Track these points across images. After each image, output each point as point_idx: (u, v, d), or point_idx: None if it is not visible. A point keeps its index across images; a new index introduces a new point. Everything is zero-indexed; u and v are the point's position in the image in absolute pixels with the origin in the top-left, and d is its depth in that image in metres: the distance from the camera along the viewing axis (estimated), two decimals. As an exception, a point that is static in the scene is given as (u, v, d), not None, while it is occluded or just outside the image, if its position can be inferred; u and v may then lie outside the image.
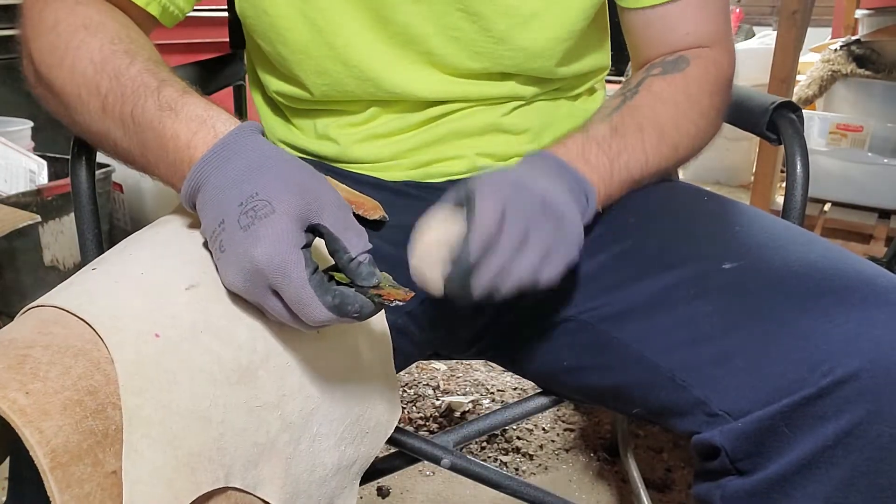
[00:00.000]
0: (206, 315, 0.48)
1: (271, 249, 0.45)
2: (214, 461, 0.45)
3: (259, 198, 0.46)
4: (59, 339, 0.43)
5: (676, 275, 0.59)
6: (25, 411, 0.39)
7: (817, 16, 2.16)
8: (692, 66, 0.68)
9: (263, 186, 0.47)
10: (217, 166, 0.49)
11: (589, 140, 0.62)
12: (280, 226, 0.45)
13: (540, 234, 0.53)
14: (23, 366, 0.41)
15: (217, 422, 0.46)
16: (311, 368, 0.53)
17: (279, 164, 0.48)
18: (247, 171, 0.48)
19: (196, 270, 0.50)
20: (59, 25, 0.57)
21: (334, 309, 0.46)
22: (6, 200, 1.53)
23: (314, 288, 0.45)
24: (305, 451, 0.52)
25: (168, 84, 0.53)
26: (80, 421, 0.41)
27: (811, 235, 0.61)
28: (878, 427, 0.47)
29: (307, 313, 0.46)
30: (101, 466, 0.41)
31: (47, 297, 0.48)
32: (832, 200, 2.19)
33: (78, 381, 0.42)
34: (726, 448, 0.53)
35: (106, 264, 0.52)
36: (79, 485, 0.40)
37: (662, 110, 0.66)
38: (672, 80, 0.67)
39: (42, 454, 0.39)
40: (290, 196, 0.46)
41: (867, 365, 0.47)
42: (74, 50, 0.56)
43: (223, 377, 0.47)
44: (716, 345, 0.55)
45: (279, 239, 0.45)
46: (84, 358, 0.43)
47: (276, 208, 0.46)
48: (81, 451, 0.40)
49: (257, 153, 0.49)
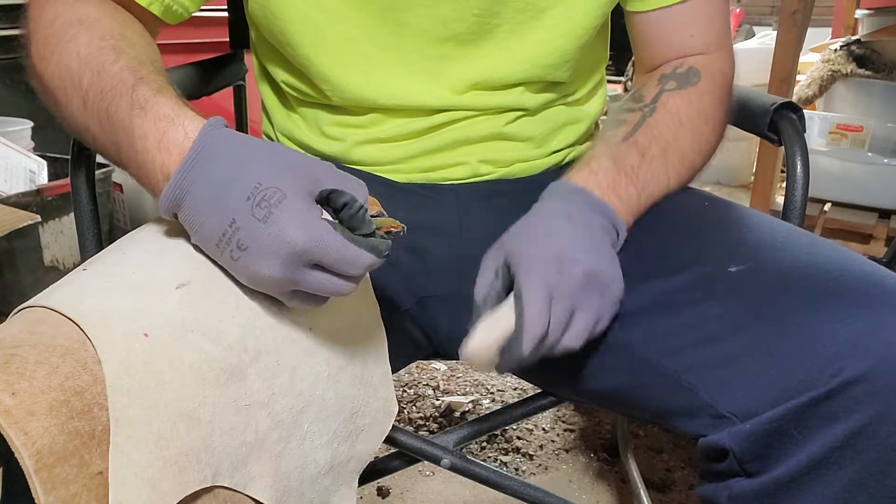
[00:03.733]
0: (195, 314, 0.48)
1: (302, 228, 0.46)
2: (202, 461, 0.45)
3: (265, 187, 0.46)
4: (46, 339, 0.43)
5: (683, 277, 0.59)
6: (11, 412, 0.39)
7: (817, 16, 2.16)
8: (703, 81, 0.69)
9: (263, 176, 0.47)
10: (201, 170, 0.48)
11: (619, 172, 0.63)
12: (298, 205, 0.46)
13: (586, 311, 0.56)
14: (9, 365, 0.41)
15: (205, 421, 0.45)
16: (302, 366, 0.53)
17: (264, 152, 0.49)
18: (237, 167, 0.47)
19: (187, 269, 0.50)
20: (57, 21, 0.57)
21: (373, 250, 0.48)
22: (6, 200, 1.53)
23: (351, 241, 0.47)
24: (296, 449, 0.52)
25: (144, 82, 0.52)
26: (67, 422, 0.40)
27: (816, 237, 0.61)
28: (887, 428, 0.47)
29: (356, 265, 0.47)
30: (87, 467, 0.41)
31: (38, 297, 0.48)
32: (832, 200, 2.19)
33: (65, 381, 0.41)
34: (734, 450, 0.53)
35: (97, 264, 0.52)
36: (64, 486, 0.40)
37: (682, 133, 0.67)
38: (688, 98, 0.68)
39: (27, 455, 0.38)
40: (291, 177, 0.47)
41: (876, 366, 0.47)
42: (65, 44, 0.55)
43: (212, 377, 0.46)
44: (723, 346, 0.55)
45: (303, 217, 0.46)
46: (71, 357, 0.43)
47: (286, 192, 0.46)
48: (67, 452, 0.40)
49: (237, 147, 0.49)
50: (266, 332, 0.51)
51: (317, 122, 0.73)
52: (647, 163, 0.64)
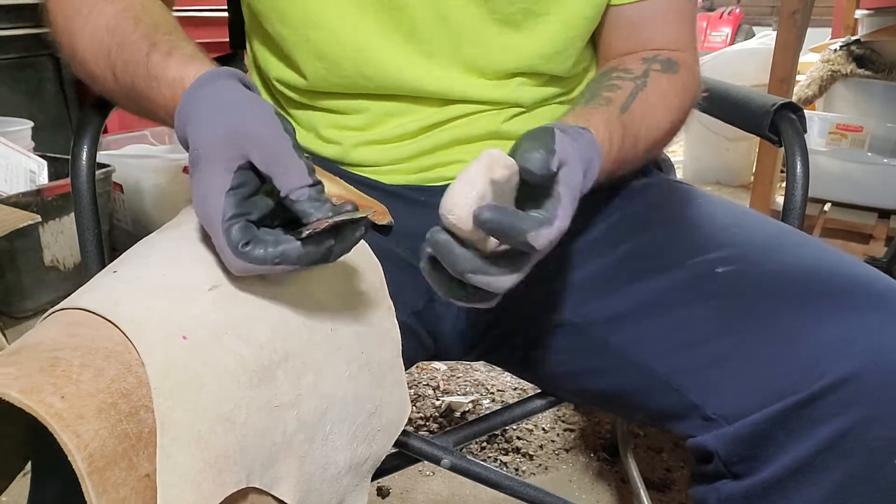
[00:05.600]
0: (228, 316, 0.48)
1: (198, 198, 0.47)
2: (238, 462, 0.45)
3: (194, 149, 0.47)
4: (87, 341, 0.43)
5: (671, 278, 0.59)
6: (62, 415, 0.38)
7: (817, 16, 2.16)
8: (682, 72, 0.68)
9: (197, 138, 0.47)
10: (183, 125, 0.50)
11: (617, 156, 0.60)
12: (205, 174, 0.46)
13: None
14: (55, 368, 0.41)
15: (240, 423, 0.45)
16: (325, 367, 0.53)
17: (219, 111, 0.48)
18: (194, 126, 0.48)
19: (217, 271, 0.50)
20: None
21: (242, 256, 0.45)
22: (6, 200, 1.53)
23: (227, 233, 0.45)
24: (319, 450, 0.52)
25: (156, 48, 0.55)
26: (115, 424, 0.40)
27: (805, 237, 0.61)
28: (873, 431, 0.47)
29: (225, 260, 0.46)
30: (135, 470, 0.41)
31: (70, 300, 0.47)
32: (832, 200, 2.19)
33: (111, 383, 0.41)
34: (719, 452, 0.53)
35: (126, 265, 0.52)
36: (114, 489, 0.39)
37: (666, 118, 0.66)
38: (674, 83, 0.67)
39: (80, 459, 0.38)
40: (213, 143, 0.46)
41: (860, 368, 0.47)
42: (95, 17, 0.59)
43: (246, 379, 0.46)
44: (710, 348, 0.55)
45: (204, 187, 0.46)
46: (115, 360, 0.42)
47: (201, 156, 0.47)
48: (117, 455, 0.40)
49: (205, 105, 0.49)
50: (293, 333, 0.51)
51: (313, 125, 0.73)
52: (636, 148, 0.63)
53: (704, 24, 5.46)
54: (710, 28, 5.41)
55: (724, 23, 5.40)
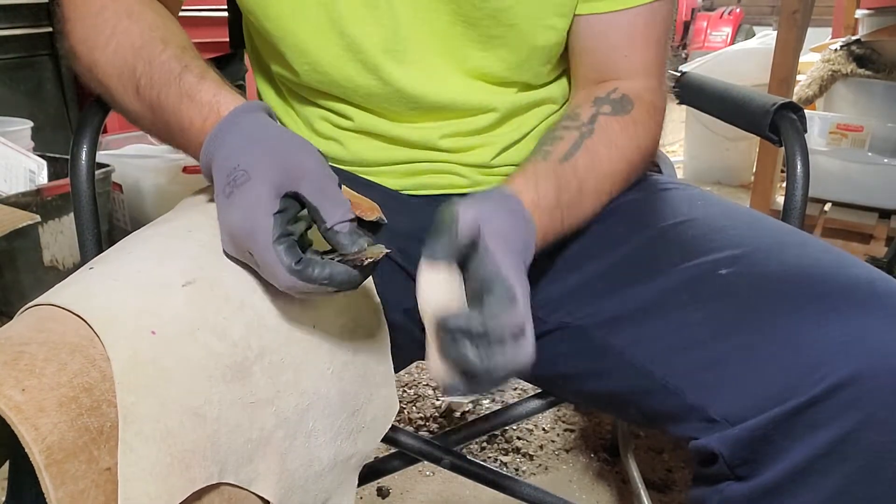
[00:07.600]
0: (202, 312, 0.48)
1: (242, 215, 0.48)
2: (208, 458, 0.45)
3: (239, 169, 0.49)
4: (55, 336, 0.43)
5: (669, 280, 0.59)
6: (21, 408, 0.39)
7: (817, 16, 2.16)
8: (636, 110, 0.67)
9: (245, 159, 0.50)
10: (217, 146, 0.52)
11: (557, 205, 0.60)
12: (253, 192, 0.48)
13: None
14: (18, 362, 0.41)
15: (212, 418, 0.46)
16: (306, 364, 0.53)
17: (265, 138, 0.51)
18: (237, 148, 0.51)
19: (193, 267, 0.51)
20: (105, 11, 0.62)
21: (296, 273, 0.47)
22: (6, 200, 1.53)
23: (278, 252, 0.47)
24: (301, 447, 0.52)
25: (188, 70, 0.57)
26: (76, 418, 0.41)
27: (806, 237, 0.61)
28: (871, 435, 0.47)
29: (272, 276, 0.48)
30: (96, 463, 0.41)
31: (45, 296, 0.48)
32: (832, 200, 2.19)
33: (74, 377, 0.42)
34: (724, 454, 0.53)
35: (103, 263, 0.52)
36: (73, 482, 0.40)
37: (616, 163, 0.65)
38: (624, 125, 0.66)
39: (37, 451, 0.39)
40: (267, 165, 0.49)
41: (860, 371, 0.47)
42: (120, 35, 0.60)
43: (218, 374, 0.47)
44: (708, 351, 0.55)
45: (250, 205, 0.48)
46: (80, 354, 0.43)
47: (251, 176, 0.49)
48: (77, 448, 0.40)
49: (247, 131, 0.52)
50: (270, 330, 0.51)
51: (308, 120, 0.73)
52: (581, 197, 0.62)
53: (705, 23, 5.46)
54: (711, 28, 5.41)
55: (724, 22, 5.40)
